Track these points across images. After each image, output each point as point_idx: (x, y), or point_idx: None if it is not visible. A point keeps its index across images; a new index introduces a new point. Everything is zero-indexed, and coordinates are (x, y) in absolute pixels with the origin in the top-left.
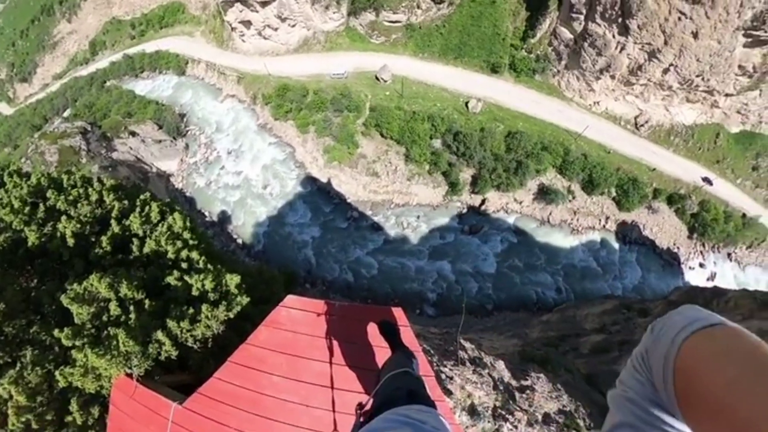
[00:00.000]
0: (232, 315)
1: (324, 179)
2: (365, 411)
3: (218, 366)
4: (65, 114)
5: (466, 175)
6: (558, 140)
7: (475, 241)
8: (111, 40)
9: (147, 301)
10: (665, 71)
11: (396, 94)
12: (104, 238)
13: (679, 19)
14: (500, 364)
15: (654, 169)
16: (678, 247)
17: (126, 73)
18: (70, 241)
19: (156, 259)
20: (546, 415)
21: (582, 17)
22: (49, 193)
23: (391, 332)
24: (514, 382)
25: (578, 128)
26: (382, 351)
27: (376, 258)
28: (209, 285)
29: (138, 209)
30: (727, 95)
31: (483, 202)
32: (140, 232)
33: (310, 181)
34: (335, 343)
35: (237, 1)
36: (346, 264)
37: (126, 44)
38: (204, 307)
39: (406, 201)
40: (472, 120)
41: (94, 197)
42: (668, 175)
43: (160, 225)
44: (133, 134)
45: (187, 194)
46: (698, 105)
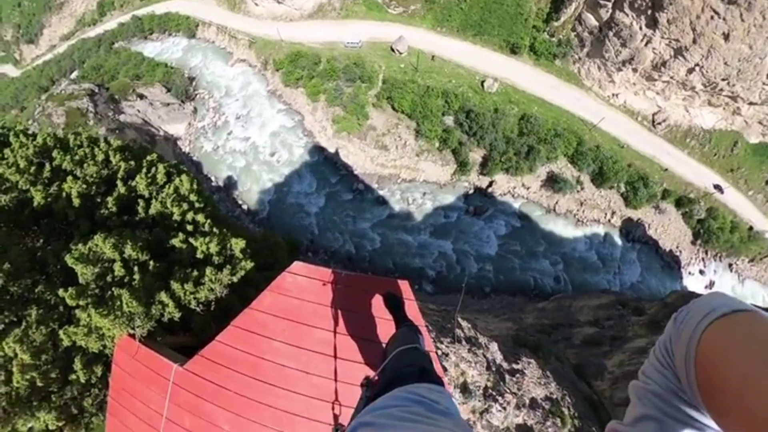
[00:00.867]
0: (235, 279)
1: (332, 149)
2: (373, 386)
3: (220, 329)
4: (73, 76)
5: (476, 155)
6: (572, 129)
7: (479, 223)
8: (119, 1)
9: (151, 262)
10: (690, 71)
11: (411, 67)
12: (110, 199)
13: (712, 18)
14: (494, 346)
15: (666, 170)
16: (680, 251)
17: (135, 35)
18: (76, 202)
19: (161, 220)
20: (533, 400)
21: (610, 4)
22: (55, 153)
23: (396, 305)
24: (505, 365)
25: (594, 119)
26: (385, 323)
27: (378, 231)
28: (214, 248)
29: (144, 170)
30: (750, 103)
31: (490, 184)
32: (146, 194)
33: (317, 150)
34: (339, 312)
35: None
36: (349, 235)
37: (135, 5)
38: (208, 270)
39: (413, 177)
40: (487, 99)
41: (100, 157)
42: (680, 178)
43: (167, 187)
44: (141, 97)
45: (194, 158)
46: (720, 110)
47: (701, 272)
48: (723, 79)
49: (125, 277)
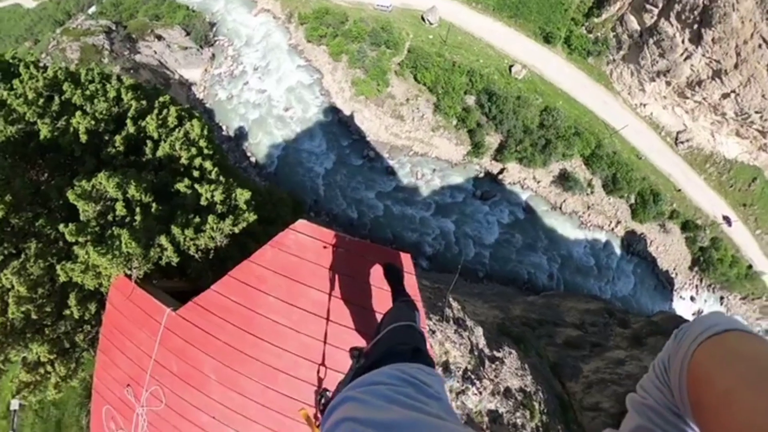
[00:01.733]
0: (237, 230)
1: (347, 112)
2: (364, 357)
3: (216, 278)
4: (90, 11)
5: (492, 139)
6: (593, 130)
7: (484, 208)
8: None
9: (154, 205)
10: (725, 96)
11: (439, 39)
12: (118, 138)
13: (759, 46)
14: (479, 330)
15: (679, 190)
16: (676, 274)
17: None
18: (83, 138)
19: (168, 164)
20: (507, 389)
21: (656, 11)
22: (66, 87)
23: (395, 277)
24: (487, 351)
25: (617, 124)
26: (382, 293)
27: (383, 201)
28: (219, 197)
29: (156, 111)
30: None
31: (501, 171)
32: (155, 135)
33: (332, 111)
34: (337, 276)
35: None
36: (353, 201)
37: None
38: (210, 218)
39: (425, 151)
40: (512, 85)
41: (111, 94)
42: (691, 201)
43: (177, 130)
44: (159, 38)
45: (207, 105)
46: (746, 142)
47: (692, 299)
48: (757, 112)
49: (126, 218)
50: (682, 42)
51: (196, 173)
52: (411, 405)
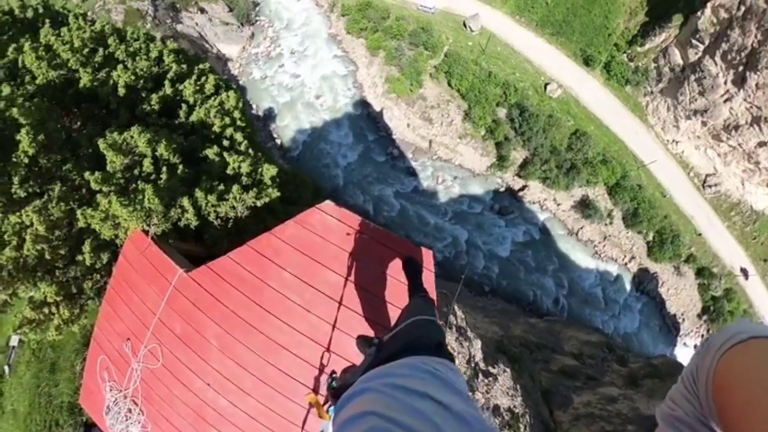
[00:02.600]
0: (258, 203)
1: (377, 108)
2: (384, 348)
3: (232, 247)
4: None
5: (518, 155)
6: (620, 160)
7: (500, 223)
8: None
9: (181, 166)
10: (761, 144)
11: (478, 47)
12: (154, 97)
13: None
14: (477, 343)
15: (700, 235)
16: (683, 319)
17: None
18: (121, 91)
19: (200, 129)
20: (496, 407)
21: (701, 47)
22: (111, 41)
23: (414, 271)
24: (482, 365)
25: (646, 157)
26: (398, 286)
27: (400, 200)
28: (245, 168)
29: (195, 77)
30: None
31: (523, 188)
32: (191, 100)
33: (362, 104)
34: (357, 262)
35: None
36: (371, 196)
37: None
38: (235, 187)
39: (449, 157)
40: (545, 103)
41: (153, 54)
42: (710, 247)
43: (213, 98)
44: (202, 11)
45: (241, 82)
46: None
47: (695, 347)
48: None
49: (152, 175)
50: (725, 83)
51: (226, 142)
52: (436, 408)
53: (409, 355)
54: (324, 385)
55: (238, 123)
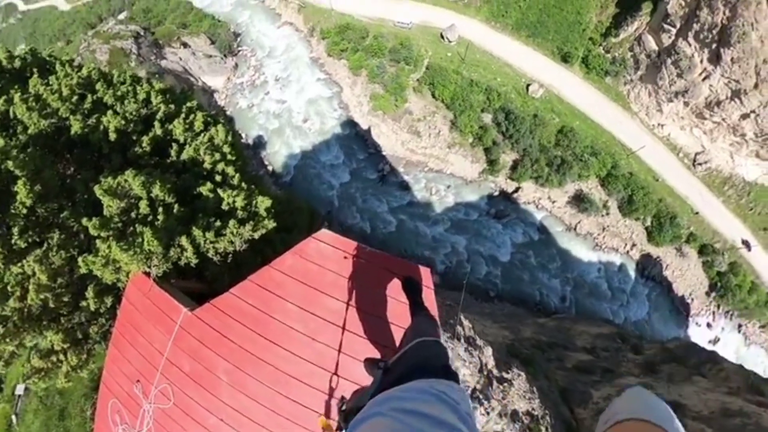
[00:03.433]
0: (256, 236)
1: (364, 126)
2: (391, 371)
3: (233, 281)
4: (121, 16)
5: (508, 158)
6: (609, 151)
7: (498, 227)
8: None
9: (176, 206)
10: (744, 116)
11: (458, 57)
12: (145, 138)
13: None
14: (488, 350)
15: (697, 213)
16: (692, 299)
17: None
18: (112, 136)
19: (192, 167)
20: (515, 412)
21: (674, 31)
22: (98, 86)
23: (414, 290)
24: (495, 372)
25: (634, 144)
26: (399, 306)
27: (396, 215)
28: (240, 202)
29: (183, 115)
30: None
31: (516, 190)
32: (181, 139)
33: (350, 124)
34: (356, 286)
35: None
36: (367, 214)
37: None
38: (231, 222)
39: (440, 168)
40: (529, 104)
41: (141, 96)
42: (708, 224)
43: (202, 135)
44: (185, 45)
45: (228, 113)
46: (766, 164)
47: (708, 325)
48: None
49: (149, 216)
50: (701, 62)
51: (218, 178)
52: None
53: (418, 377)
54: (335, 409)
55: (229, 157)
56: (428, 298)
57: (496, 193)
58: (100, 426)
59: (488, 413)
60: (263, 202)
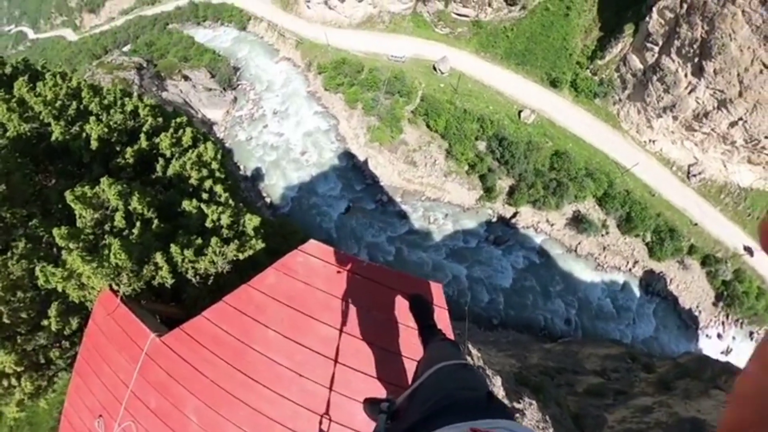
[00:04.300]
0: (241, 256)
1: (361, 158)
2: (399, 415)
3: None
4: (125, 48)
5: (504, 184)
6: (604, 170)
7: (497, 253)
8: None
9: (156, 221)
10: (732, 124)
11: (450, 88)
12: (129, 150)
13: (761, 72)
14: (498, 380)
15: (696, 224)
16: (700, 311)
17: (189, 19)
18: (94, 144)
19: (178, 183)
20: None
21: (656, 49)
22: (84, 93)
23: (423, 311)
24: (506, 402)
25: (628, 162)
26: (407, 331)
27: (395, 245)
28: (226, 220)
29: (171, 130)
30: None
31: (514, 215)
32: (168, 153)
33: (347, 156)
34: (352, 308)
35: None
36: (365, 244)
37: None
38: (214, 240)
39: (437, 196)
40: (522, 130)
41: (129, 108)
42: (709, 234)
43: (191, 151)
44: (186, 78)
45: (227, 145)
46: (759, 168)
47: (719, 336)
48: (766, 137)
49: (124, 230)
50: (685, 76)
51: (205, 195)
52: None
53: (450, 419)
54: None
55: (217, 174)
56: (441, 318)
57: (494, 219)
58: None
59: None
60: (251, 221)
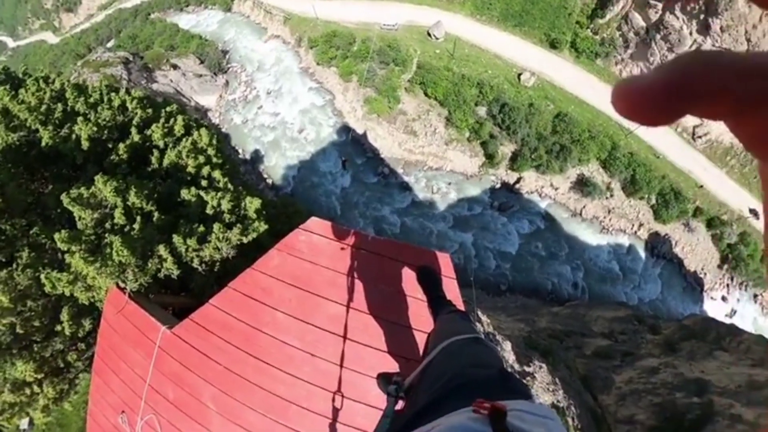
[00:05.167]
0: (245, 240)
1: (360, 131)
2: (410, 391)
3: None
4: (109, 44)
5: (506, 149)
6: (607, 132)
7: (502, 219)
8: None
9: (156, 213)
10: None
11: (446, 53)
12: (122, 146)
13: None
14: (508, 345)
15: (701, 186)
16: (705, 274)
17: (171, 6)
18: (85, 145)
19: (175, 173)
20: None
21: (660, 5)
22: (68, 94)
23: (431, 283)
24: (517, 366)
25: (631, 124)
26: (416, 303)
27: (400, 217)
28: (226, 205)
29: (162, 120)
30: None
31: (518, 180)
32: (161, 144)
33: (345, 130)
34: (358, 283)
35: None
36: (370, 218)
37: None
38: (216, 227)
39: (439, 165)
40: (522, 93)
41: (116, 103)
42: (714, 197)
43: (184, 139)
44: (175, 67)
45: (223, 130)
46: None
47: (723, 299)
48: None
49: (125, 227)
50: (690, 34)
51: (204, 182)
52: None
53: (459, 398)
54: None
55: (214, 160)
56: (450, 289)
57: (498, 186)
58: None
59: None
60: (252, 203)
